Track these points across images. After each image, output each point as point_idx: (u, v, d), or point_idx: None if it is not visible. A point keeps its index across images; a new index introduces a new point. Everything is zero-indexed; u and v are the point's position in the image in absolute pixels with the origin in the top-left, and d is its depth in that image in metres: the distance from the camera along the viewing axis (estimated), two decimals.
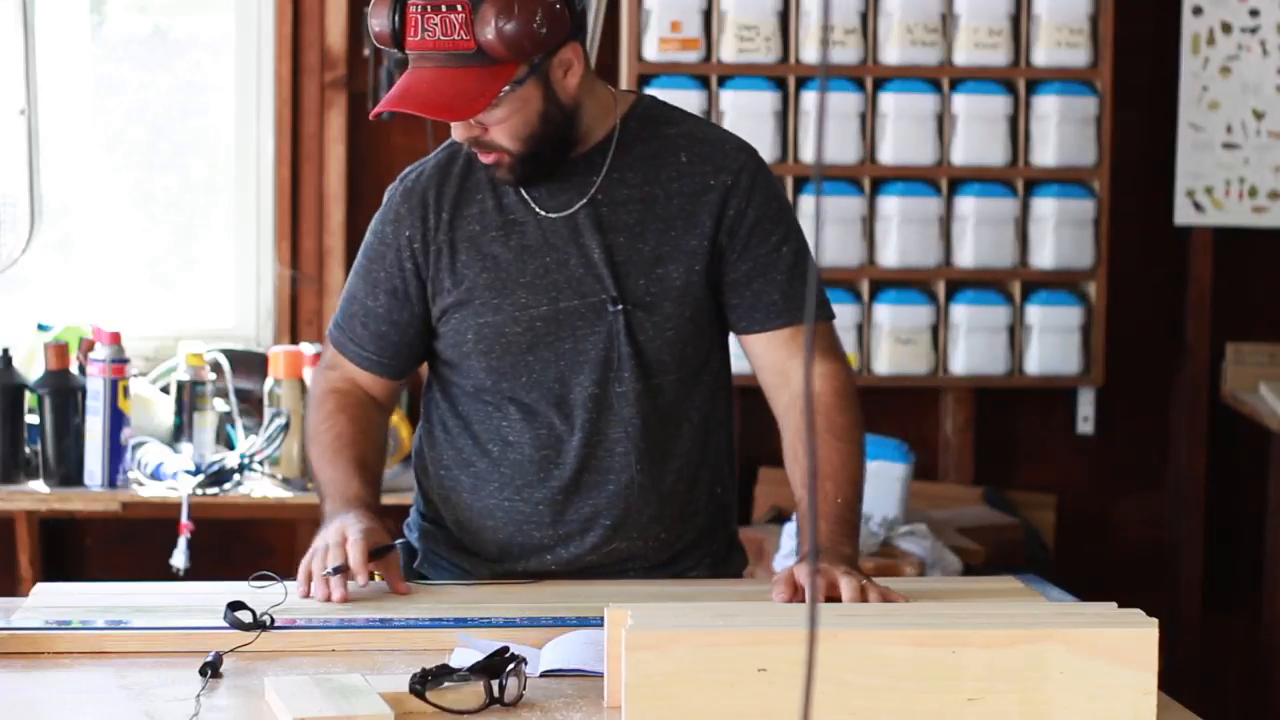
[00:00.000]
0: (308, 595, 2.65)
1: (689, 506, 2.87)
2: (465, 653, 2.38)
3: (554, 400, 2.80)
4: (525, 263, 2.78)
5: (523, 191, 2.79)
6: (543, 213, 2.79)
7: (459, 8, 2.60)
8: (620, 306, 2.76)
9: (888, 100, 4.98)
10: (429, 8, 2.61)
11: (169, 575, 4.20)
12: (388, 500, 4.44)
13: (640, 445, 2.81)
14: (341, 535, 2.68)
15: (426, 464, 2.94)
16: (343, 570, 2.64)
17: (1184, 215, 5.22)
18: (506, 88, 2.64)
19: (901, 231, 4.97)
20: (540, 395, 2.80)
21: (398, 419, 4.55)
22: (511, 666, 2.25)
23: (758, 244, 2.79)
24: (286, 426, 4.42)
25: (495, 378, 2.81)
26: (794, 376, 2.79)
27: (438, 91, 2.63)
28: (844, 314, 4.97)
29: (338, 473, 2.81)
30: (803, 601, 2.55)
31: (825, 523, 2.69)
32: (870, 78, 4.98)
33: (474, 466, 2.86)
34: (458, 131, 2.71)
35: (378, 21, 2.67)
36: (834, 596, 2.55)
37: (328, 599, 2.63)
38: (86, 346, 4.39)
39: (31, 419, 4.38)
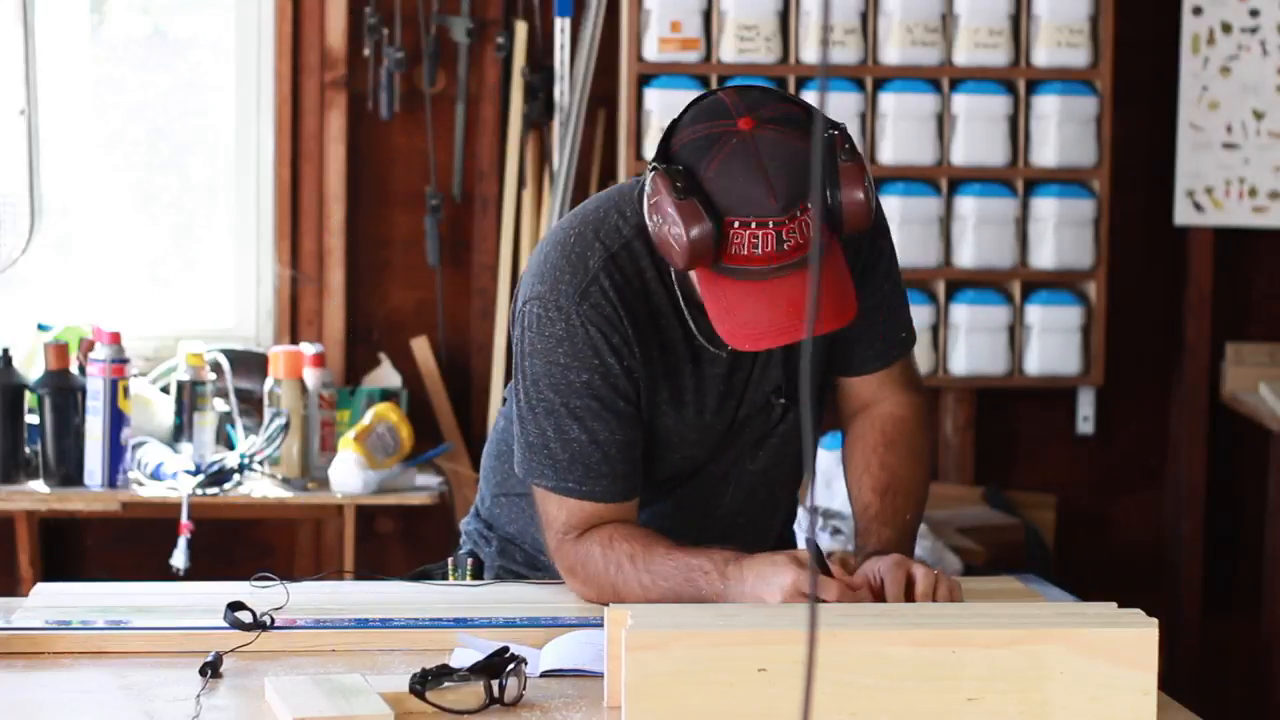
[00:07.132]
0: None
1: (767, 533, 2.87)
2: (465, 653, 2.38)
3: (688, 476, 2.76)
4: (711, 387, 2.69)
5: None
6: (723, 352, 2.67)
7: (808, 205, 2.44)
8: (784, 401, 2.73)
9: (888, 100, 4.98)
10: (788, 220, 2.43)
11: (169, 575, 4.20)
12: (388, 500, 4.49)
13: (745, 504, 2.80)
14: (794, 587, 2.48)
15: (494, 489, 2.89)
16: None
17: (1184, 215, 5.22)
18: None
19: (902, 231, 4.97)
20: (676, 475, 2.76)
21: (397, 418, 4.54)
22: (511, 666, 2.25)
23: (874, 281, 2.73)
24: (286, 426, 4.42)
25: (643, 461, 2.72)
26: (875, 403, 2.79)
27: (828, 298, 2.48)
28: None
29: (680, 555, 2.58)
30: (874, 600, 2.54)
31: (891, 531, 2.69)
32: (870, 78, 4.98)
33: None
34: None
35: (699, 236, 2.43)
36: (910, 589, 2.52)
37: None
38: (86, 346, 4.39)
39: (31, 419, 4.38)
